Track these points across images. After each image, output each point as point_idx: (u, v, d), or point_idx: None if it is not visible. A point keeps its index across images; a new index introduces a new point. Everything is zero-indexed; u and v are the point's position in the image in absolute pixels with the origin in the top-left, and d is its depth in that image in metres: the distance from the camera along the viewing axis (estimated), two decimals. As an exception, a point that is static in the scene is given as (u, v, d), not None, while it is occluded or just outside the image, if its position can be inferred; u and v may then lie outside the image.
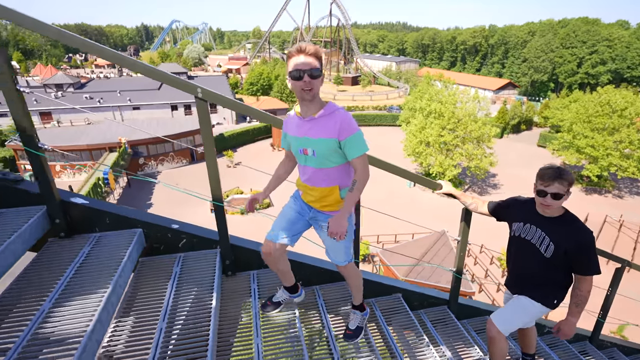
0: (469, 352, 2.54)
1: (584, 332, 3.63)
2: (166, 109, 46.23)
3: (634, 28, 63.38)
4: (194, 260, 2.16)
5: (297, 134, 1.88)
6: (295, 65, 1.72)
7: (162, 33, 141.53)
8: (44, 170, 1.80)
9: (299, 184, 2.05)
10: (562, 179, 2.02)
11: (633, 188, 30.57)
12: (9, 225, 1.68)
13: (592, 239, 2.10)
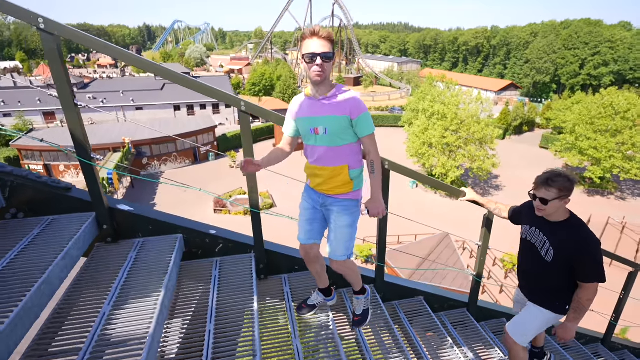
0: (490, 354, 2.63)
1: (596, 334, 3.72)
2: (169, 109, 46.42)
3: (637, 29, 63.34)
4: (231, 264, 2.25)
5: (309, 113, 1.93)
6: (309, 48, 1.79)
7: (164, 33, 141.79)
8: (95, 179, 1.90)
9: (308, 168, 2.09)
10: (549, 185, 2.03)
11: (635, 190, 30.60)
12: (64, 232, 1.78)
13: (594, 245, 2.06)
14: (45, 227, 1.83)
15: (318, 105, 1.90)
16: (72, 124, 1.77)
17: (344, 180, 1.98)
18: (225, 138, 39.83)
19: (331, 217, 2.08)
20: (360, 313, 2.36)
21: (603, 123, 28.40)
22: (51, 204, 1.96)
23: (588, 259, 2.04)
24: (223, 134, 40.02)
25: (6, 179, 1.84)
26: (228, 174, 34.15)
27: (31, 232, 1.78)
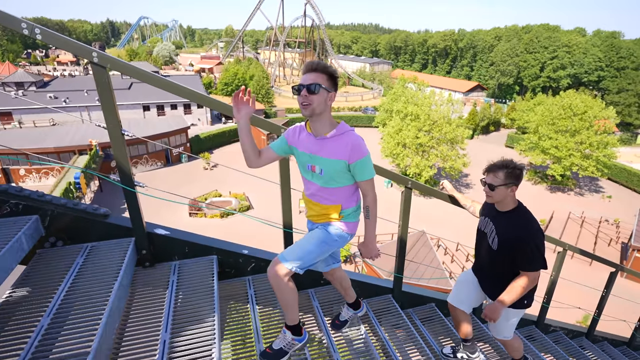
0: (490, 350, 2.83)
1: (581, 329, 4.03)
2: (137, 109, 44.79)
3: (590, 35, 67.69)
4: (262, 282, 2.31)
5: (307, 150, 1.86)
6: (300, 80, 1.77)
7: (130, 30, 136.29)
8: (137, 205, 1.92)
9: (304, 197, 2.04)
10: (495, 171, 2.10)
11: (592, 186, 32.75)
12: (108, 259, 1.79)
13: (534, 234, 2.10)
14: (88, 255, 1.83)
15: (318, 144, 1.82)
16: (118, 153, 1.78)
17: (335, 217, 1.95)
18: (199, 139, 39.04)
19: None
20: (342, 320, 2.39)
21: (563, 124, 30.21)
22: (89, 231, 1.95)
23: (528, 247, 2.07)
24: (196, 135, 39.20)
25: (46, 207, 1.83)
26: (202, 176, 33.48)
27: (75, 260, 1.77)
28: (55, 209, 1.85)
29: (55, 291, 1.58)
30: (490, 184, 2.12)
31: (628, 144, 43.85)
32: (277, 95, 65.42)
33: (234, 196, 28.76)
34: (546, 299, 3.48)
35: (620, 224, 25.34)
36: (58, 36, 1.49)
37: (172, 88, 1.89)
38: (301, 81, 1.75)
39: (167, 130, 35.52)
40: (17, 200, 1.78)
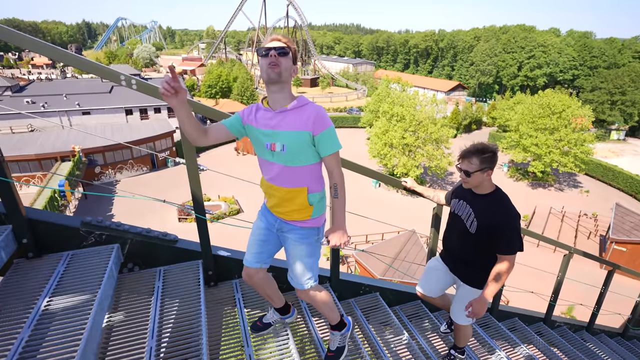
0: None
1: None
2: (120, 113, 43.90)
3: (564, 36, 70.22)
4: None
5: (265, 126, 1.69)
6: (266, 44, 1.67)
7: (107, 31, 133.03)
8: (206, 231, 2.08)
9: (263, 184, 1.87)
10: (469, 158, 2.10)
11: (571, 182, 34.06)
12: (184, 283, 1.95)
13: (513, 218, 2.10)
14: (165, 279, 1.99)
15: (277, 118, 1.67)
16: (194, 185, 1.94)
17: (301, 205, 1.76)
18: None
19: (288, 245, 1.89)
20: (335, 350, 2.13)
21: (542, 122, 31.32)
22: (160, 256, 2.10)
23: (507, 229, 2.08)
24: (182, 139, 38.64)
25: (125, 236, 1.97)
26: (187, 181, 32.97)
27: (155, 284, 1.93)
28: (133, 237, 2.00)
29: (148, 313, 1.74)
30: (466, 171, 2.11)
31: (602, 140, 45.73)
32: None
33: (223, 200, 28.62)
34: (553, 298, 3.78)
35: (598, 217, 26.48)
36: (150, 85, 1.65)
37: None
38: (267, 45, 1.65)
39: (152, 134, 34.98)
40: (101, 231, 1.93)
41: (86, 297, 1.55)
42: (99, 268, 1.75)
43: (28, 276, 1.68)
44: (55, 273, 1.70)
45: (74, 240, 1.92)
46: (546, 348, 3.51)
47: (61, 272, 1.71)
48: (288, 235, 1.85)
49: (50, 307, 1.50)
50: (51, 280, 1.64)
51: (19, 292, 1.57)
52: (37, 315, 1.45)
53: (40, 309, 1.48)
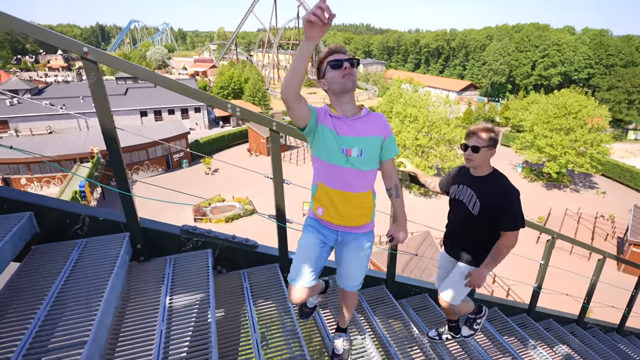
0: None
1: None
2: (135, 115, 44.72)
3: (579, 34, 69.13)
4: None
5: (343, 132, 1.71)
6: (333, 56, 1.74)
7: (120, 33, 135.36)
8: (285, 239, 2.32)
9: (324, 193, 1.79)
10: (478, 134, 2.16)
11: (586, 182, 33.64)
12: (267, 282, 2.19)
13: (515, 194, 2.17)
14: (250, 281, 2.24)
15: (353, 124, 1.72)
16: (278, 197, 2.17)
17: (368, 208, 1.83)
18: (198, 144, 39.14)
19: (348, 253, 1.91)
20: (340, 353, 2.17)
21: (558, 122, 31.02)
22: (243, 259, 2.35)
23: (510, 207, 2.15)
24: (195, 140, 39.31)
25: (216, 242, 2.23)
26: (203, 181, 33.60)
27: (243, 286, 2.18)
28: (222, 243, 2.25)
29: (245, 310, 1.99)
30: (475, 146, 2.16)
31: (619, 140, 44.99)
32: (273, 98, 65.70)
33: (238, 200, 28.99)
34: (587, 300, 3.93)
35: (615, 219, 26.15)
36: (251, 112, 1.89)
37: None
38: (336, 57, 1.74)
39: (168, 135, 35.58)
40: (198, 238, 2.19)
41: (200, 296, 1.81)
42: (201, 271, 2.01)
43: (143, 277, 1.94)
44: (166, 275, 1.96)
45: (175, 246, 2.18)
46: (581, 348, 3.68)
47: (171, 274, 1.97)
48: (351, 243, 1.87)
49: (173, 304, 1.76)
50: (166, 281, 1.90)
51: (141, 292, 1.83)
52: (165, 311, 1.70)
53: (166, 306, 1.74)
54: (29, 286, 1.56)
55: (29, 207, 1.82)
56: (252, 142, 40.20)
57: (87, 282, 1.62)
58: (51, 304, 1.48)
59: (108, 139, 1.84)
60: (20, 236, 1.67)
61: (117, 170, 1.93)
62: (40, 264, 1.72)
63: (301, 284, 1.83)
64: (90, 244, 1.91)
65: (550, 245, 3.45)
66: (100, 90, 1.76)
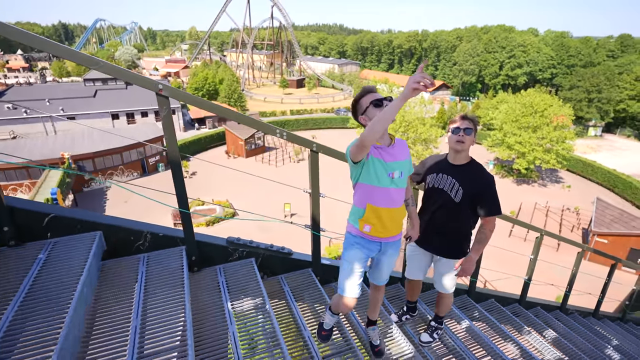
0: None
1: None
2: (106, 118, 43.26)
3: (542, 35, 72.75)
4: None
5: (387, 159, 1.99)
6: (372, 97, 1.99)
7: (86, 32, 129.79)
8: (319, 245, 2.57)
9: (374, 211, 2.03)
10: (467, 118, 2.31)
11: (553, 177, 35.59)
12: (304, 286, 2.44)
13: (492, 182, 2.31)
14: (290, 285, 2.48)
15: (392, 152, 2.01)
16: (315, 209, 2.42)
17: (403, 217, 2.13)
18: (175, 147, 38.16)
19: (387, 257, 2.20)
20: (379, 343, 2.43)
21: (525, 120, 32.64)
22: (280, 265, 2.58)
23: (490, 193, 2.28)
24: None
25: (258, 251, 2.45)
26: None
27: (284, 289, 2.42)
28: (263, 252, 2.47)
29: (291, 313, 2.22)
30: (467, 128, 2.27)
31: (581, 137, 47.78)
32: (249, 99, 65.20)
33: (218, 203, 28.67)
34: (568, 288, 4.41)
35: (580, 211, 27.87)
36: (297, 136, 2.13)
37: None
38: (379, 98, 2.00)
39: (143, 138, 34.65)
40: (242, 248, 2.40)
41: (257, 301, 2.03)
42: (250, 277, 2.23)
43: (201, 286, 2.14)
44: (221, 283, 2.17)
45: (223, 256, 2.38)
46: (566, 331, 4.14)
47: (225, 283, 2.18)
48: (388, 251, 2.15)
49: (236, 309, 1.98)
50: (222, 289, 2.11)
51: (202, 301, 2.03)
52: (230, 317, 1.92)
53: (230, 311, 1.95)
54: (112, 299, 1.74)
55: (98, 227, 1.99)
56: (230, 144, 39.84)
57: (165, 293, 1.82)
58: (141, 314, 1.67)
59: (174, 165, 2.04)
60: (96, 254, 1.84)
61: (178, 189, 2.13)
62: (115, 278, 1.89)
63: (353, 294, 2.12)
64: (153, 258, 2.09)
65: (539, 241, 3.87)
66: (170, 122, 1.96)
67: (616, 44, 66.70)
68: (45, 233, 1.89)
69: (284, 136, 2.19)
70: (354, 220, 2.11)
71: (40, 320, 1.38)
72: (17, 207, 1.79)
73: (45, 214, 1.88)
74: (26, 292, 1.51)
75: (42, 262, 1.72)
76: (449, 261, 2.49)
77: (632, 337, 5.03)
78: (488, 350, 2.93)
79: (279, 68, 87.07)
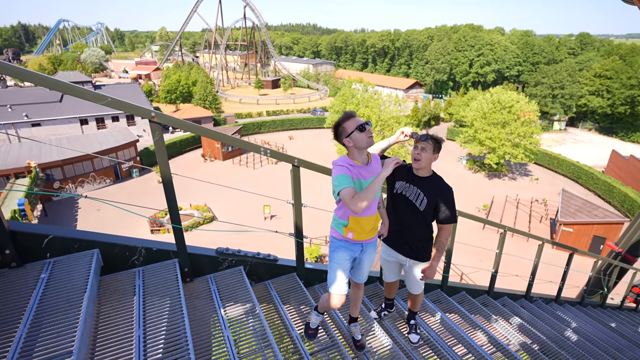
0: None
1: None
2: (74, 123, 41.68)
3: (508, 34, 75.54)
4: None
5: (367, 177, 2.24)
6: (356, 122, 2.20)
7: (48, 34, 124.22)
8: (302, 251, 2.77)
9: (362, 221, 2.29)
10: (426, 140, 2.49)
11: (522, 171, 37.21)
12: (292, 290, 2.64)
13: (452, 193, 2.55)
14: (277, 290, 2.67)
15: (370, 169, 2.26)
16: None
17: (380, 220, 2.46)
18: (148, 152, 37.52)
19: (365, 258, 2.47)
20: (360, 338, 2.67)
21: (494, 117, 33.98)
22: (267, 271, 2.77)
23: (449, 202, 2.52)
24: (145, 148, 37.60)
25: (246, 260, 2.62)
26: (156, 190, 32.24)
27: (272, 294, 2.61)
28: (251, 260, 2.65)
29: (281, 317, 2.41)
30: (423, 148, 2.49)
31: (546, 131, 50.09)
32: (224, 100, 64.44)
33: (196, 208, 28.30)
34: (532, 278, 4.81)
35: (547, 202, 29.30)
36: (281, 154, 2.31)
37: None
38: (359, 122, 2.23)
39: (115, 144, 33.73)
40: (232, 257, 2.57)
41: (248, 307, 2.22)
42: (240, 285, 2.40)
43: (195, 296, 2.30)
44: (213, 291, 2.34)
45: (214, 266, 2.54)
46: (530, 317, 4.52)
47: (217, 291, 2.35)
48: (368, 250, 2.44)
49: (229, 314, 2.15)
50: (214, 297, 2.28)
51: (199, 309, 2.20)
52: (224, 322, 2.10)
53: (224, 318, 2.13)
54: (113, 313, 1.88)
55: (95, 245, 2.11)
56: (206, 147, 39.35)
57: (162, 304, 1.97)
58: (143, 324, 1.82)
59: (166, 185, 2.18)
60: (96, 271, 1.97)
61: (171, 207, 2.27)
62: (114, 293, 2.02)
63: (341, 291, 2.38)
64: (148, 272, 2.23)
65: (502, 237, 4.23)
66: (162, 147, 2.11)
67: (576, 42, 70.23)
68: (45, 253, 1.99)
69: (267, 154, 2.37)
70: (338, 227, 2.35)
71: (54, 336, 1.52)
72: (18, 231, 1.89)
73: (44, 235, 1.99)
74: (35, 310, 1.63)
75: (45, 281, 1.84)
76: (416, 264, 2.74)
77: (589, 319, 5.51)
78: (460, 339, 3.22)
79: (254, 69, 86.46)
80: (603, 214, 22.61)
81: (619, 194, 29.40)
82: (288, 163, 2.59)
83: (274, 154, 2.40)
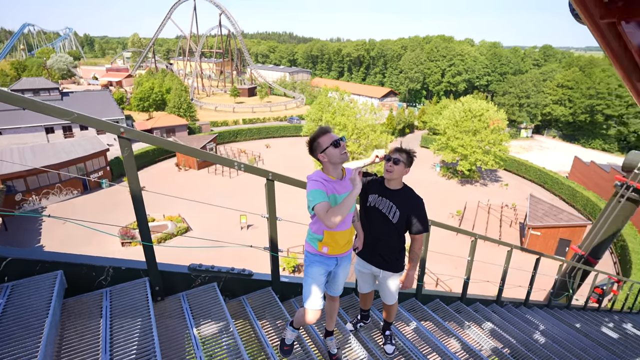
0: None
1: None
2: (39, 132, 39.95)
3: (477, 45, 78.73)
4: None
5: (342, 192, 2.27)
6: (330, 138, 2.23)
7: (11, 38, 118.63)
8: (277, 265, 2.75)
9: (337, 235, 2.31)
10: (400, 152, 2.57)
11: (492, 177, 38.52)
12: (267, 306, 2.62)
13: (423, 204, 2.62)
14: (251, 305, 2.63)
15: (344, 184, 2.29)
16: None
17: (354, 233, 2.49)
18: (119, 161, 36.23)
19: (340, 272, 2.49)
20: (335, 352, 2.66)
21: (465, 125, 35.15)
22: (241, 287, 2.72)
23: (421, 214, 2.59)
24: (116, 157, 36.31)
25: (220, 276, 2.57)
26: (127, 201, 30.94)
27: (247, 309, 2.57)
28: (225, 275, 2.60)
29: (254, 329, 2.38)
30: (396, 159, 2.54)
31: (514, 138, 52.24)
32: (199, 109, 63.44)
33: (169, 219, 27.51)
34: (502, 283, 4.97)
35: (516, 207, 30.43)
36: (255, 168, 2.31)
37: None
38: (333, 138, 2.24)
39: (83, 154, 32.40)
40: (205, 274, 2.51)
41: (221, 325, 2.17)
42: (214, 302, 2.35)
43: (166, 314, 2.23)
44: (185, 309, 2.28)
45: (186, 283, 2.48)
46: (500, 322, 4.66)
47: (189, 309, 2.29)
48: (342, 264, 2.46)
49: (202, 333, 2.10)
50: (187, 316, 2.23)
51: (170, 328, 2.13)
52: (196, 341, 2.05)
53: (197, 337, 2.08)
54: (77, 338, 1.80)
55: (58, 266, 2.02)
56: (181, 156, 38.47)
57: (131, 325, 1.90)
58: (109, 349, 1.74)
59: (136, 201, 2.13)
60: (59, 294, 1.88)
61: (141, 224, 2.21)
62: (79, 316, 1.93)
63: (317, 306, 2.37)
64: (116, 292, 2.15)
65: (473, 244, 4.36)
66: (131, 162, 2.06)
67: (540, 54, 74.05)
68: (2, 277, 1.89)
69: (241, 168, 2.36)
70: (312, 242, 2.36)
71: (11, 366, 1.43)
72: (-29, 255, 1.79)
73: (2, 257, 1.88)
74: (-10, 339, 1.54)
75: (2, 307, 1.74)
76: (390, 275, 2.78)
77: (555, 321, 5.74)
78: (434, 347, 3.28)
79: (230, 77, 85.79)
80: (568, 218, 23.68)
81: (582, 198, 30.94)
82: (262, 177, 2.57)
83: (247, 168, 2.39)
